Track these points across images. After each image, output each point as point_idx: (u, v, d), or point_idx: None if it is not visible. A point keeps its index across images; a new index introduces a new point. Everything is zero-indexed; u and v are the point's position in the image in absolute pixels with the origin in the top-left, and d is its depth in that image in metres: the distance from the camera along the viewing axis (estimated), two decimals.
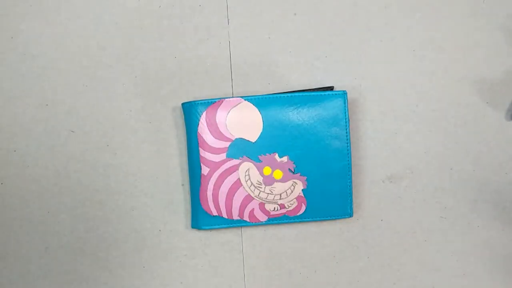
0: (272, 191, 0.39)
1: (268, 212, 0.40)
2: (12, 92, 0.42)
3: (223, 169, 0.39)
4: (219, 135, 0.39)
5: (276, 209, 0.40)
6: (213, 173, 0.39)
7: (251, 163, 0.39)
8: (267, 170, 0.39)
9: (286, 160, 0.39)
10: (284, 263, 0.42)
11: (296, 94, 0.38)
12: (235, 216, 0.40)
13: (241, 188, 0.39)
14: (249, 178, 0.39)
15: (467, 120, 0.42)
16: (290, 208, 0.40)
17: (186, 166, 0.42)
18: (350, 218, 0.41)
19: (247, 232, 0.42)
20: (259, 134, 0.39)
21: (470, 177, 0.42)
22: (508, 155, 0.42)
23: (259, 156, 0.39)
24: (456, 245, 0.42)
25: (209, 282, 0.42)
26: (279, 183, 0.39)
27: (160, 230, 0.42)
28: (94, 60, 0.42)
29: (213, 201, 0.39)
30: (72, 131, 0.42)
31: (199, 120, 0.38)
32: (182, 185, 0.42)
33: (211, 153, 0.39)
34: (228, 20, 0.42)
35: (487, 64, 0.42)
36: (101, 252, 0.41)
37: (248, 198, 0.40)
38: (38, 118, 0.42)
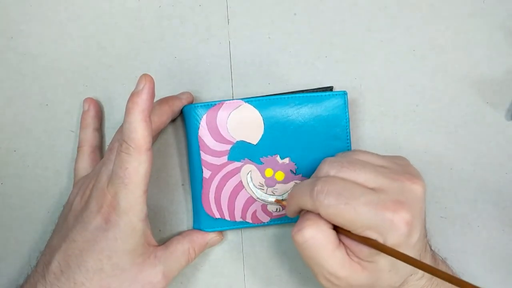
0: (274, 192, 0.39)
1: (271, 213, 0.40)
2: (12, 92, 0.42)
3: (225, 172, 0.39)
4: (220, 138, 0.38)
5: (278, 210, 0.40)
6: (214, 176, 0.39)
7: (252, 166, 0.39)
8: (269, 172, 0.39)
9: (287, 162, 0.39)
10: (284, 263, 0.42)
11: (297, 95, 0.38)
12: (238, 218, 0.40)
13: (243, 191, 0.39)
14: (251, 180, 0.39)
15: (467, 120, 0.42)
16: None
17: (186, 166, 0.42)
18: None
19: (247, 232, 0.42)
20: (260, 136, 0.38)
21: (470, 177, 0.42)
22: (508, 155, 0.42)
23: (260, 158, 0.39)
24: (456, 245, 0.42)
25: (209, 282, 0.42)
26: (281, 184, 0.39)
27: (160, 230, 0.42)
28: (94, 60, 0.42)
29: (215, 204, 0.39)
30: (72, 131, 0.42)
31: (199, 123, 0.38)
32: (182, 185, 0.42)
33: (213, 156, 0.39)
34: (228, 20, 0.42)
35: (487, 64, 0.42)
36: None
37: (251, 200, 0.39)
38: (38, 118, 0.42)
